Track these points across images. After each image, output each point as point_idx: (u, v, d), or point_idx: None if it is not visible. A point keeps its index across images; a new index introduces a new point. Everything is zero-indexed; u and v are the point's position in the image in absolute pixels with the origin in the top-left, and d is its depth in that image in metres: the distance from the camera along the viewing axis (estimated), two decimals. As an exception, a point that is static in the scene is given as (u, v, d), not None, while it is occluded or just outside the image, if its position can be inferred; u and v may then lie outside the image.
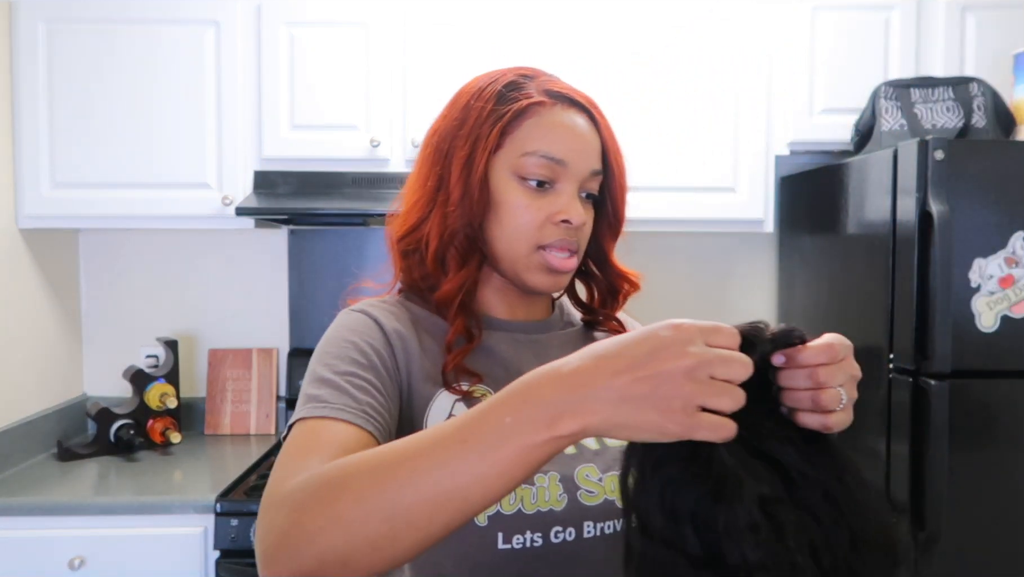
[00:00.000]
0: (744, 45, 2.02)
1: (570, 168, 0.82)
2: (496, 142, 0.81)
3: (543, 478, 0.79)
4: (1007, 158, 1.61)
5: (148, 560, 1.72)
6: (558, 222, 0.81)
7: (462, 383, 0.81)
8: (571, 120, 0.83)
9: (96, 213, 2.03)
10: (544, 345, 0.89)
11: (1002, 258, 1.60)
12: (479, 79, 0.87)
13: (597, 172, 0.85)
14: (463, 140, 0.82)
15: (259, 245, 2.33)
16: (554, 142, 0.81)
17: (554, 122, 0.82)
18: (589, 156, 0.83)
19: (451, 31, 2.00)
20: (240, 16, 2.00)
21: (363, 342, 0.79)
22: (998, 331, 1.60)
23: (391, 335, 0.81)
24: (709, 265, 2.38)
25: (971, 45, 1.99)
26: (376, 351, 0.78)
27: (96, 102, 2.00)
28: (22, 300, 2.06)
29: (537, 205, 0.81)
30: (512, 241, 0.82)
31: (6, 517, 1.72)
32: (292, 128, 2.01)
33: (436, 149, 0.85)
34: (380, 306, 0.85)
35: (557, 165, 0.81)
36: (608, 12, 2.01)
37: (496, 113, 0.82)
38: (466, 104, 0.84)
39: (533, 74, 0.86)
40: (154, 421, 2.15)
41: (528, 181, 0.82)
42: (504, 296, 0.89)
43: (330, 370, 0.76)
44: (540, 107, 0.82)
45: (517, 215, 0.81)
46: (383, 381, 0.77)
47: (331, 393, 0.73)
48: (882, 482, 1.72)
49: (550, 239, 0.82)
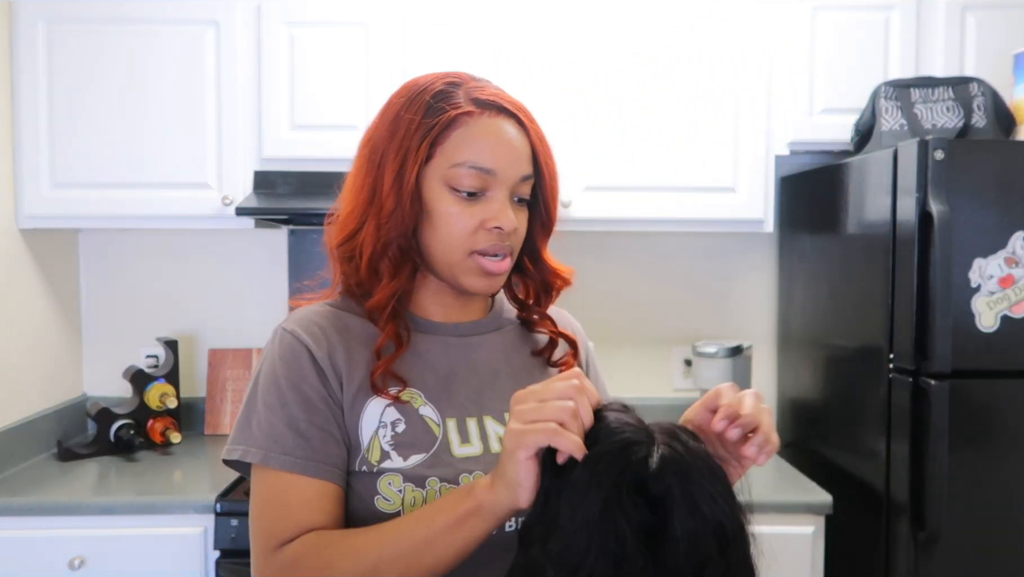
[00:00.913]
0: (744, 45, 2.02)
1: (499, 176, 0.84)
2: (426, 154, 0.84)
3: (468, 478, 0.84)
4: (1007, 158, 1.61)
5: (148, 560, 1.72)
6: (490, 229, 0.84)
7: (390, 388, 0.85)
8: (499, 128, 0.85)
9: (96, 213, 2.03)
10: (475, 346, 0.92)
11: (1002, 258, 1.60)
12: (409, 87, 0.89)
13: (527, 177, 0.87)
14: (394, 152, 0.84)
15: (259, 245, 2.32)
16: (482, 152, 0.83)
17: (482, 132, 0.84)
18: (518, 162, 0.86)
19: (451, 31, 2.00)
20: (240, 16, 2.00)
21: (303, 381, 0.83)
22: (998, 331, 1.60)
23: (322, 363, 0.84)
24: (709, 265, 2.38)
25: (971, 45, 1.99)
26: (314, 388, 0.83)
27: (96, 102, 2.00)
28: (22, 300, 2.06)
29: (469, 213, 0.84)
30: (446, 248, 0.85)
31: (6, 517, 1.72)
32: (292, 128, 2.01)
33: (369, 159, 0.87)
34: (313, 322, 0.88)
35: (487, 175, 0.83)
36: (608, 12, 2.00)
37: (425, 126, 0.84)
38: (396, 115, 0.86)
39: (461, 81, 0.87)
40: (154, 421, 2.15)
41: (459, 191, 0.84)
42: (440, 298, 0.92)
43: (283, 413, 0.82)
44: (468, 117, 0.84)
45: (450, 223, 0.84)
46: (328, 416, 0.83)
47: (291, 440, 0.81)
48: (882, 482, 1.72)
49: (483, 245, 0.85)
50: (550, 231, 0.94)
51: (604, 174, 2.02)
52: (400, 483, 0.82)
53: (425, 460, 0.83)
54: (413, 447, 0.83)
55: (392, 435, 0.83)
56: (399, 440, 0.83)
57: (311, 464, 0.81)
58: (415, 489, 0.82)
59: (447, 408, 0.87)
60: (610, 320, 2.36)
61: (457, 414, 0.87)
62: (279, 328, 0.88)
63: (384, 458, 0.83)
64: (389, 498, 0.81)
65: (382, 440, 0.83)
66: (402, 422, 0.84)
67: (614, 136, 2.00)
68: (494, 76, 0.97)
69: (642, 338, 2.39)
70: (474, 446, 0.86)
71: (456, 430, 0.86)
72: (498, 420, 0.89)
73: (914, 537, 1.61)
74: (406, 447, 0.83)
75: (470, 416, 0.88)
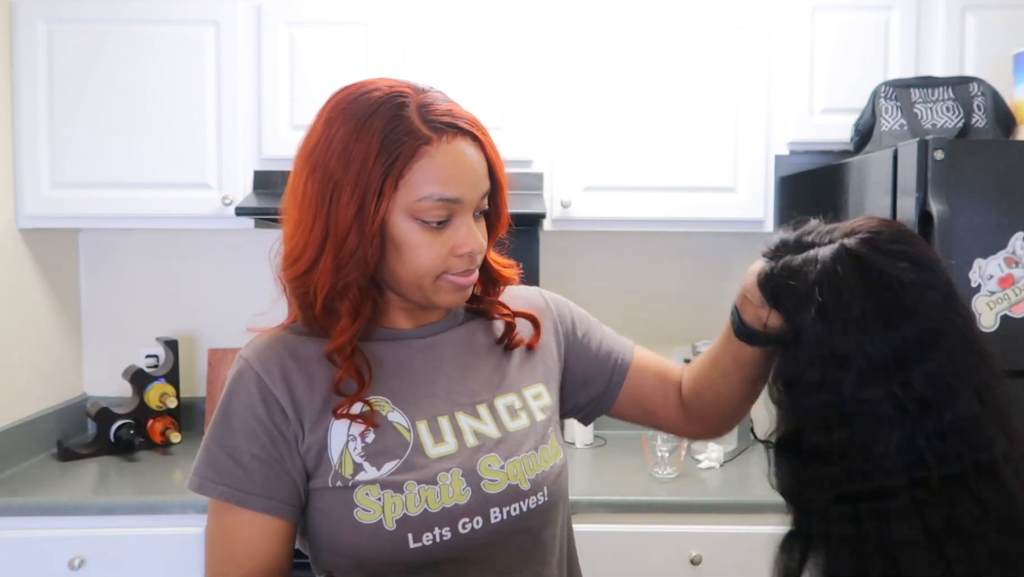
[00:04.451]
0: (744, 45, 2.02)
1: (464, 202, 0.83)
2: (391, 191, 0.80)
3: (446, 476, 0.83)
4: (1007, 158, 1.61)
5: (148, 560, 1.73)
6: (462, 255, 0.83)
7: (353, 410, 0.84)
8: (459, 153, 0.82)
9: (96, 213, 2.03)
10: (439, 345, 0.92)
11: (1002, 258, 1.60)
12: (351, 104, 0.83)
13: (486, 192, 0.86)
14: (351, 188, 0.79)
15: (259, 245, 2.33)
16: (447, 183, 0.80)
17: (443, 161, 0.80)
18: (480, 182, 0.84)
19: (451, 31, 2.00)
20: (240, 16, 2.00)
21: (250, 411, 0.83)
22: (998, 331, 1.60)
23: (277, 392, 0.83)
24: (709, 265, 2.38)
25: (971, 45, 1.99)
26: (259, 419, 0.83)
27: (96, 102, 2.00)
28: (22, 300, 2.06)
29: (439, 242, 0.82)
30: (415, 275, 0.83)
31: (6, 517, 1.72)
32: (292, 128, 2.01)
33: (319, 191, 0.81)
34: (270, 349, 0.87)
35: (453, 204, 0.82)
36: (608, 12, 2.00)
37: (383, 161, 0.79)
38: (345, 143, 0.80)
39: (407, 96, 0.82)
40: (154, 421, 2.15)
41: (428, 222, 0.81)
42: (407, 311, 0.91)
43: (226, 443, 0.82)
44: (427, 147, 0.80)
45: (420, 254, 0.82)
46: (272, 448, 0.82)
47: (230, 470, 0.82)
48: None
49: (455, 269, 0.84)
50: (499, 232, 0.93)
51: (604, 174, 2.02)
52: (378, 491, 0.81)
53: (399, 466, 0.83)
54: (385, 455, 0.83)
55: (363, 446, 0.83)
56: (370, 450, 0.83)
57: (248, 497, 0.81)
58: (394, 495, 0.81)
59: (416, 411, 0.86)
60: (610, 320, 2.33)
61: (427, 415, 0.87)
62: (238, 355, 0.88)
63: (358, 470, 0.82)
64: (368, 508, 0.81)
65: (352, 453, 0.83)
66: (371, 432, 0.83)
67: (614, 136, 2.01)
68: (494, 76, 0.97)
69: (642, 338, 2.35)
70: (448, 444, 0.86)
71: (428, 431, 0.86)
72: (470, 414, 0.89)
73: (914, 537, 1.61)
74: (378, 456, 0.83)
75: (441, 415, 0.87)
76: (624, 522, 1.76)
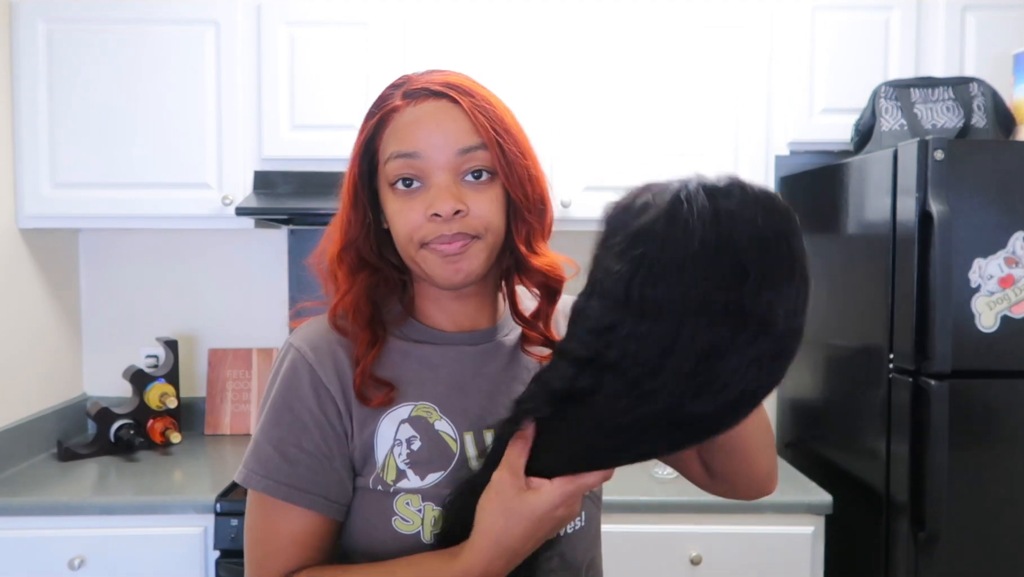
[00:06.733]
0: (744, 45, 2.02)
1: (429, 157, 0.78)
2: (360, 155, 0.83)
3: None
4: (1007, 158, 1.61)
5: (148, 560, 1.73)
6: (430, 216, 0.78)
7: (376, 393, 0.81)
8: (422, 112, 0.80)
9: (96, 213, 2.03)
10: (487, 354, 0.87)
11: (1002, 258, 1.60)
12: None
13: (469, 148, 0.79)
14: (350, 166, 0.85)
15: (259, 245, 2.32)
16: (404, 138, 0.79)
17: (405, 121, 0.80)
18: (449, 137, 0.79)
19: (451, 31, 2.00)
20: (240, 16, 2.00)
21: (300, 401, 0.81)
22: (998, 331, 1.60)
23: (328, 382, 0.81)
24: (709, 265, 2.38)
25: (971, 45, 1.99)
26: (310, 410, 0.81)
27: (96, 102, 2.00)
28: (22, 300, 2.06)
29: (410, 207, 0.79)
30: (403, 247, 0.82)
31: (6, 517, 1.72)
32: (292, 128, 2.01)
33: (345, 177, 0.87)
34: (321, 337, 0.84)
35: (413, 159, 0.79)
36: (608, 12, 2.00)
37: (363, 131, 0.83)
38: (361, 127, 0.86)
39: (404, 80, 0.84)
40: (154, 421, 2.15)
41: (396, 185, 0.80)
42: (440, 305, 0.87)
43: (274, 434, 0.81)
44: (394, 113, 0.81)
45: (397, 221, 0.81)
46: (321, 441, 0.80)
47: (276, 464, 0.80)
48: (882, 482, 1.72)
49: (430, 236, 0.79)
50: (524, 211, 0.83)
51: (604, 174, 2.02)
52: (419, 502, 0.79)
53: (443, 478, 0.80)
54: (430, 465, 0.81)
55: (408, 453, 0.81)
56: (415, 458, 0.80)
57: (294, 492, 0.79)
58: (435, 508, 0.79)
59: (463, 421, 0.83)
60: (610, 320, 2.35)
61: (474, 426, 0.83)
62: (288, 342, 0.85)
63: (400, 477, 0.80)
64: (408, 519, 0.79)
65: (397, 458, 0.80)
66: (417, 439, 0.81)
67: (614, 136, 2.01)
68: (494, 76, 0.97)
69: (642, 338, 2.39)
70: None
71: (473, 443, 0.83)
72: None
73: (914, 537, 1.61)
74: (423, 465, 0.80)
75: (487, 427, 0.83)
76: (624, 522, 1.76)
